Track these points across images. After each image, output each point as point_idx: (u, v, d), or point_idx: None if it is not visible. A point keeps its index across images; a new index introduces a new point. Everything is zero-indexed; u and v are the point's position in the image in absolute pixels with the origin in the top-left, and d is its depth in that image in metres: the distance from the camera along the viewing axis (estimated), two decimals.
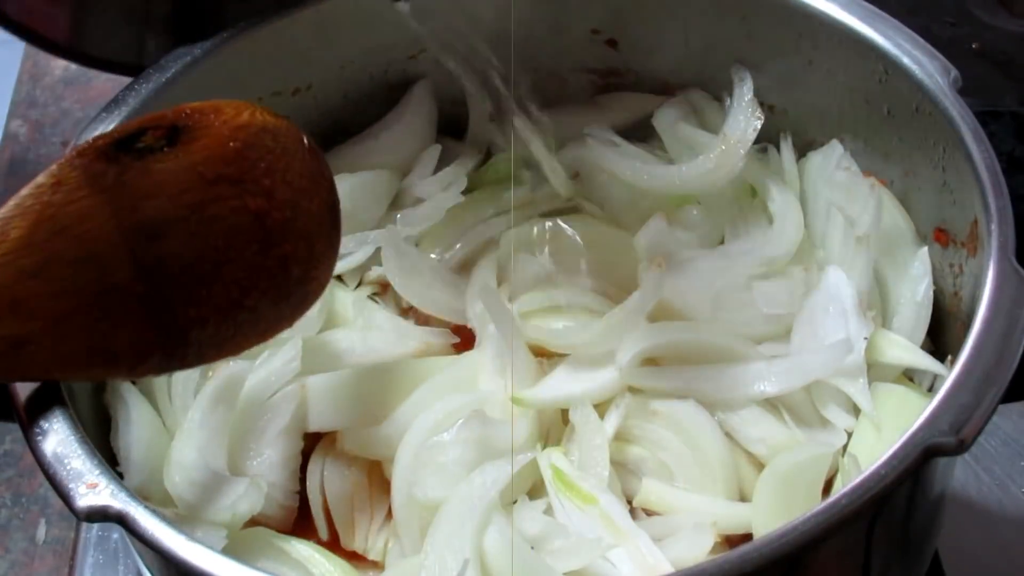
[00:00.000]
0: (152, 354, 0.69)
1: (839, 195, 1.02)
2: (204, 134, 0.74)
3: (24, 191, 0.68)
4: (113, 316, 0.67)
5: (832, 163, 1.05)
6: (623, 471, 0.92)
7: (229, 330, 0.73)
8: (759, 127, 1.04)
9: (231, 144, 0.74)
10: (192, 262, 0.71)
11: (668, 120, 1.12)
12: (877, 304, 0.97)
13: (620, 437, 0.92)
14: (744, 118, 1.04)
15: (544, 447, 0.91)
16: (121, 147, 0.71)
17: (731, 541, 0.87)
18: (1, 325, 0.63)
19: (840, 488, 0.70)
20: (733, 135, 1.04)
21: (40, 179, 0.68)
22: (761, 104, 1.06)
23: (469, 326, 1.01)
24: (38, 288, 0.65)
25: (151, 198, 0.70)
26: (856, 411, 0.91)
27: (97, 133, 0.86)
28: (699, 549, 0.84)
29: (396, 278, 1.01)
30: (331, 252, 0.81)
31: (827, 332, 0.93)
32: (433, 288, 1.01)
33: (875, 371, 0.92)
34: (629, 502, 0.89)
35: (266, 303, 0.75)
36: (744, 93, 1.06)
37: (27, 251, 0.65)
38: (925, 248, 0.97)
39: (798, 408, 0.93)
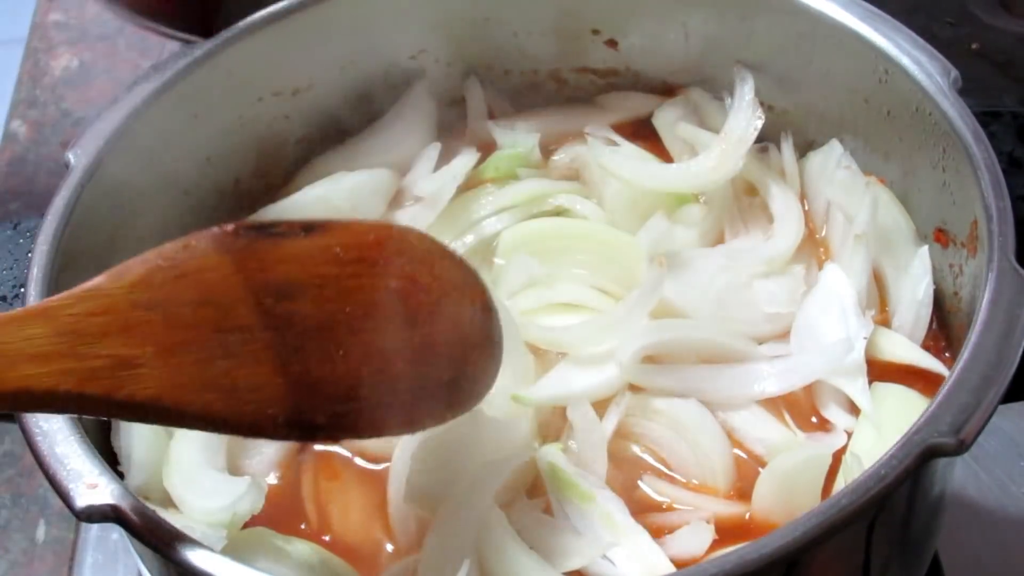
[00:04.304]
0: (278, 400, 0.68)
1: (839, 193, 1.02)
2: (342, 228, 0.74)
3: (149, 251, 0.69)
4: (235, 355, 0.67)
5: (832, 162, 1.05)
6: (623, 468, 0.92)
7: (370, 399, 0.72)
8: (760, 127, 1.04)
9: (370, 236, 0.74)
10: (325, 323, 0.70)
11: (668, 119, 1.12)
12: (876, 303, 0.97)
13: (620, 434, 0.92)
14: (745, 118, 1.04)
15: (543, 443, 0.91)
16: (254, 228, 0.71)
17: (730, 540, 0.86)
18: (110, 345, 0.64)
19: (841, 487, 0.70)
20: (734, 134, 1.04)
21: (167, 244, 0.69)
22: (761, 104, 1.06)
23: None
24: (152, 318, 0.66)
25: (281, 263, 0.70)
26: (856, 411, 0.91)
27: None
28: (698, 546, 0.84)
29: None
30: (488, 349, 0.79)
31: (826, 331, 0.93)
32: None
33: (875, 370, 0.92)
34: (629, 500, 0.89)
35: (412, 380, 0.73)
36: (745, 93, 1.06)
37: (143, 288, 0.66)
38: (925, 247, 0.97)
39: (798, 408, 0.93)
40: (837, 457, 0.88)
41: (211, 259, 0.68)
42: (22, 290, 0.89)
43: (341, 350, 0.70)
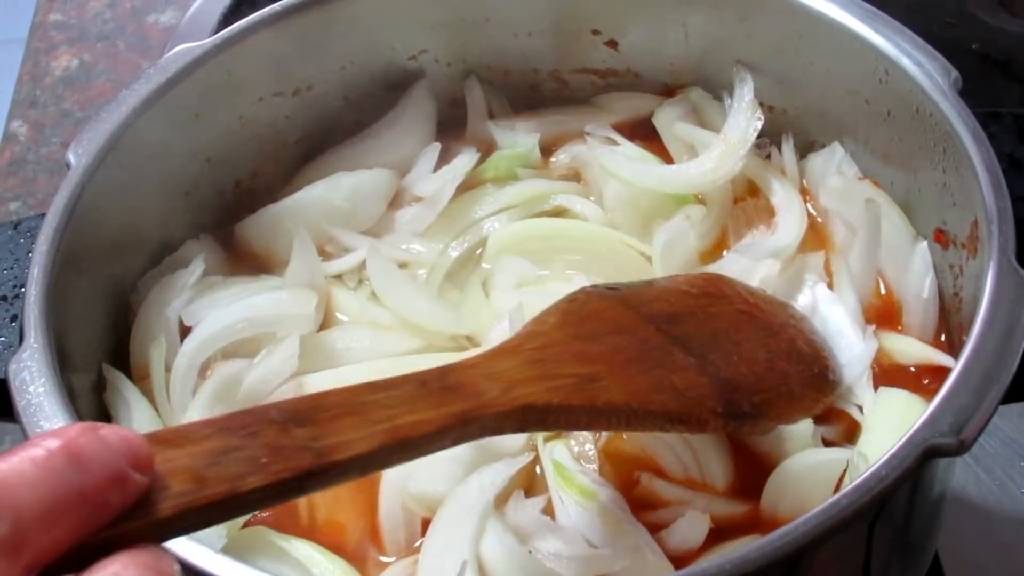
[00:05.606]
0: (711, 396, 0.78)
1: (836, 200, 1.02)
2: (674, 278, 0.91)
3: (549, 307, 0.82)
4: (664, 365, 0.78)
5: (832, 166, 1.05)
6: (623, 466, 0.91)
7: (771, 392, 0.83)
8: (759, 127, 1.04)
9: (700, 278, 0.92)
10: (710, 338, 0.82)
11: (668, 119, 1.12)
12: (877, 305, 0.97)
13: (619, 432, 0.92)
14: (745, 118, 1.04)
15: (547, 441, 0.91)
16: (610, 287, 0.85)
17: (730, 538, 0.86)
18: (571, 367, 0.75)
19: (845, 486, 0.70)
20: (733, 135, 1.04)
21: (557, 302, 0.82)
22: (761, 105, 1.06)
23: (457, 334, 1.00)
24: (588, 346, 0.78)
25: (654, 302, 0.84)
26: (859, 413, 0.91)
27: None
28: (695, 537, 0.83)
29: (382, 291, 1.01)
30: (825, 347, 0.91)
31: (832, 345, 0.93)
32: (419, 300, 1.01)
33: (881, 374, 0.92)
34: (629, 498, 0.89)
35: (795, 375, 0.86)
36: (745, 94, 1.06)
37: (566, 327, 0.78)
38: (924, 243, 0.97)
39: None
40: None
41: (600, 303, 0.81)
42: (22, 290, 0.89)
43: (734, 356, 0.82)
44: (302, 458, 0.58)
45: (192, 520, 0.55)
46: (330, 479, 0.60)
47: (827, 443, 0.89)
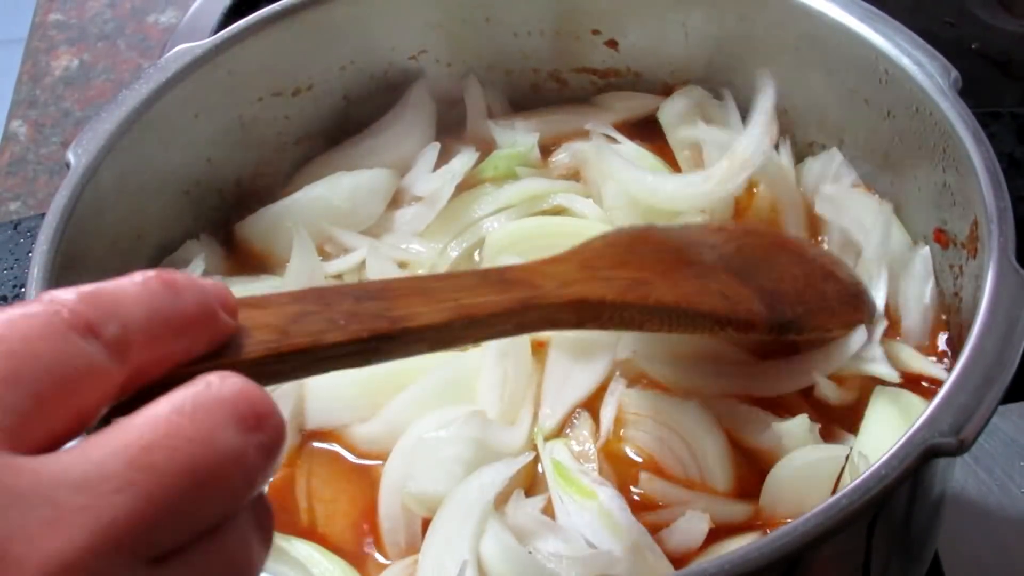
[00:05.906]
0: (756, 303, 0.84)
1: (829, 208, 1.02)
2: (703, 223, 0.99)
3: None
4: (709, 276, 0.84)
5: (830, 172, 1.04)
6: (621, 467, 0.91)
7: (811, 304, 0.88)
8: (767, 150, 1.01)
9: (727, 224, 1.01)
10: (749, 262, 0.89)
11: (673, 113, 1.12)
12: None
13: (618, 433, 0.92)
14: (759, 133, 1.01)
15: (547, 440, 0.91)
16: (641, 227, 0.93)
17: (729, 538, 0.86)
18: (622, 272, 0.81)
19: (845, 486, 0.70)
20: (742, 154, 1.01)
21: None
22: None
23: None
24: (637, 258, 0.84)
25: (692, 236, 0.90)
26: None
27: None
28: (694, 537, 0.83)
29: None
30: (857, 280, 0.96)
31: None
32: None
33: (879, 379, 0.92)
34: (628, 498, 0.89)
35: (832, 293, 0.91)
36: (765, 106, 1.02)
37: (613, 244, 0.85)
38: (927, 248, 0.97)
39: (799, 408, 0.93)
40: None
41: (642, 236, 0.87)
42: (22, 290, 0.89)
43: (773, 276, 0.88)
44: (377, 322, 0.62)
45: (277, 367, 0.57)
46: (405, 346, 0.64)
47: (829, 436, 0.90)
